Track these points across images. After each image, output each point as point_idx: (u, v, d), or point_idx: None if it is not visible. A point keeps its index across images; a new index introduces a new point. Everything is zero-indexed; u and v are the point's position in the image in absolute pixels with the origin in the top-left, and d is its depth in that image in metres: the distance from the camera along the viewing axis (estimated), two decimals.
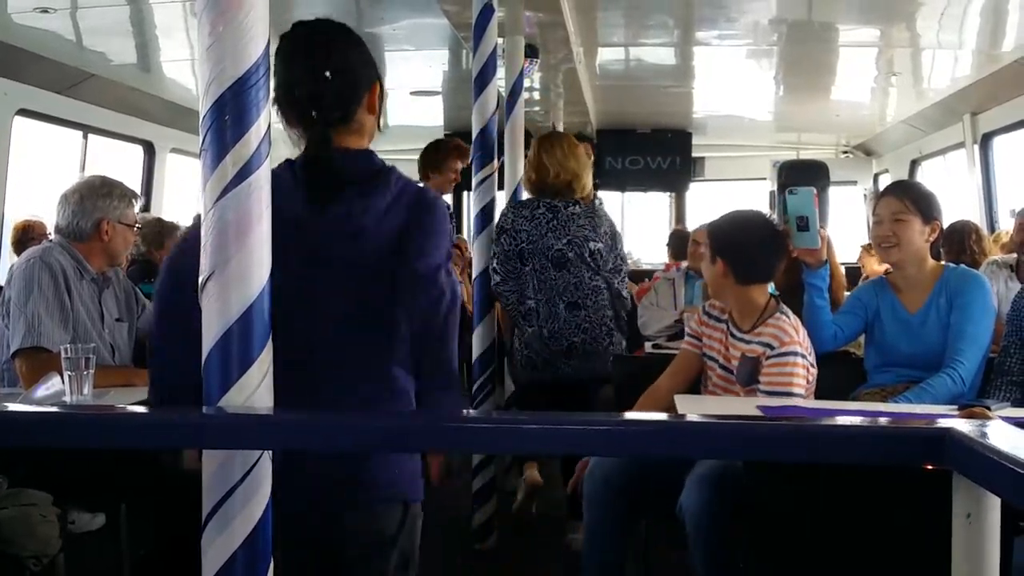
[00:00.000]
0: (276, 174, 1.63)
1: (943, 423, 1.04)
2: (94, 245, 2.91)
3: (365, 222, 1.70)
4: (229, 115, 1.32)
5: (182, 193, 7.41)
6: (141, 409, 1.51)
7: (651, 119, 8.55)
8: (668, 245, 6.89)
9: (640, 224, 10.00)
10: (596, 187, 5.29)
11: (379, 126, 1.85)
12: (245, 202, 1.33)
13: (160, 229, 4.82)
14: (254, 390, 1.35)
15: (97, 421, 1.24)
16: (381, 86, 1.82)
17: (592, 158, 5.31)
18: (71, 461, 2.44)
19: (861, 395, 2.88)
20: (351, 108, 1.75)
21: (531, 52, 4.98)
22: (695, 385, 2.91)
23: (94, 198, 2.91)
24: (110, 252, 2.94)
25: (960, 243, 4.77)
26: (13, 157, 5.31)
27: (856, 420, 1.13)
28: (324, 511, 1.71)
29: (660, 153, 9.00)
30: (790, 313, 2.74)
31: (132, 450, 2.43)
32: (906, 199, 2.84)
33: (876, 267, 6.23)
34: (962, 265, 3.04)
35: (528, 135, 4.48)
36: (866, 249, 6.74)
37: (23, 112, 5.37)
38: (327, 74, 1.70)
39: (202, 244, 1.35)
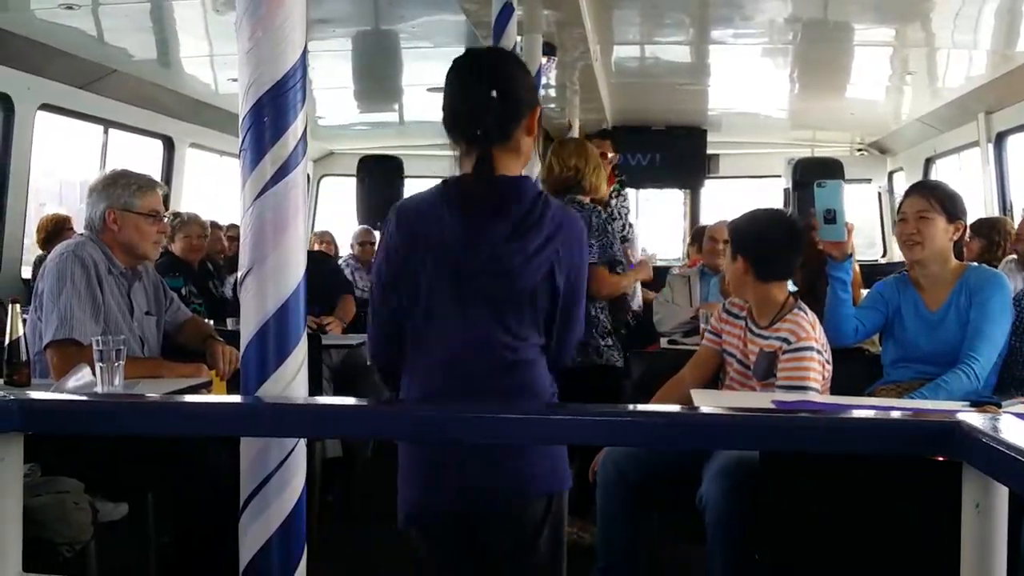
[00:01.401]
0: (423, 199, 1.87)
1: (953, 416, 1.08)
2: (108, 236, 2.92)
3: (513, 264, 1.82)
4: (268, 117, 1.37)
5: (203, 187, 7.50)
6: (186, 399, 1.56)
7: (666, 116, 8.55)
8: (693, 241, 6.85)
9: (655, 221, 10.02)
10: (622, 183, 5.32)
11: (536, 149, 1.98)
12: (282, 201, 1.38)
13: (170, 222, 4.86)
14: (290, 381, 1.40)
15: (147, 409, 1.30)
16: (540, 111, 1.92)
17: (611, 155, 5.37)
18: (98, 450, 2.49)
19: (877, 391, 2.91)
20: (511, 128, 1.85)
21: (548, 50, 5.02)
22: (715, 379, 2.97)
23: (100, 189, 2.95)
24: (124, 242, 2.93)
25: (1006, 238, 4.83)
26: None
27: (869, 413, 1.17)
28: (472, 508, 1.86)
29: (675, 150, 8.98)
30: (808, 310, 2.78)
31: (158, 441, 2.49)
32: (931, 198, 2.88)
33: None
34: (983, 264, 3.08)
35: (545, 132, 4.53)
36: None
37: (46, 107, 5.44)
38: (493, 94, 1.82)
39: (241, 240, 1.41)
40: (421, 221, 1.86)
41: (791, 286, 3.68)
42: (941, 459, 1.10)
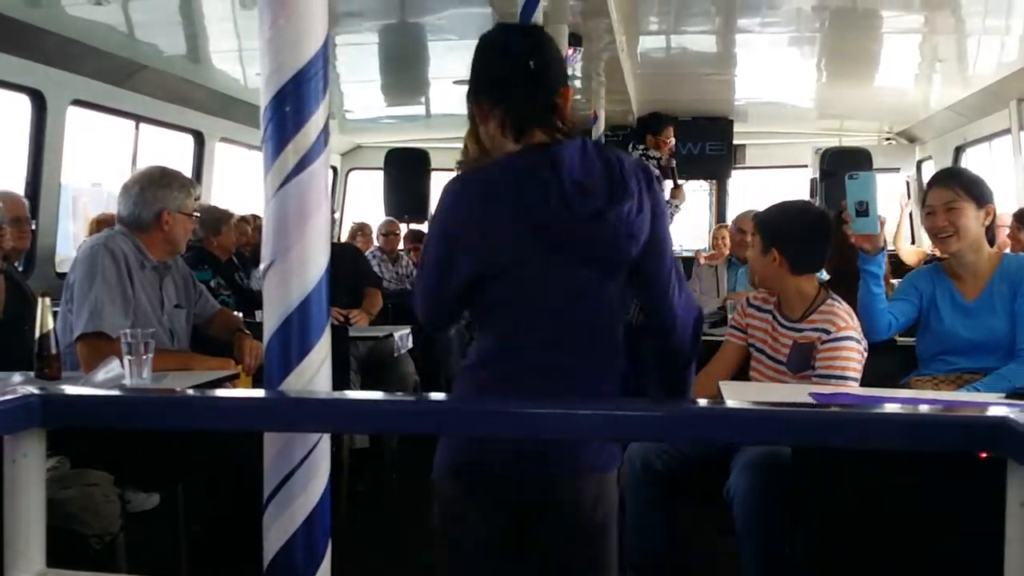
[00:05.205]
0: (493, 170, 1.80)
1: (999, 411, 1.04)
2: (155, 234, 2.96)
3: (631, 221, 1.77)
4: (290, 106, 1.34)
5: (231, 181, 7.53)
6: (206, 392, 1.55)
7: (692, 107, 8.48)
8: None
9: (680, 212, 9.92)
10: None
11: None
12: (305, 191, 1.35)
13: (218, 216, 4.95)
14: (313, 375, 1.37)
15: (164, 403, 1.29)
16: (571, 93, 1.90)
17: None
18: (129, 442, 2.50)
19: (912, 383, 2.86)
20: (552, 99, 1.83)
21: (574, 41, 4.98)
22: (742, 373, 2.93)
23: (154, 188, 2.97)
24: (170, 241, 3.00)
25: None
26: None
27: (909, 408, 1.14)
28: (531, 483, 1.80)
29: (701, 141, 8.92)
30: (841, 300, 2.75)
31: (189, 432, 2.49)
32: (957, 187, 2.80)
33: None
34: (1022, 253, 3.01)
35: None
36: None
37: (77, 103, 5.47)
38: (531, 64, 1.81)
39: (263, 232, 1.39)
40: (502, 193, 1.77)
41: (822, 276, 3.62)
42: (984, 455, 1.06)
